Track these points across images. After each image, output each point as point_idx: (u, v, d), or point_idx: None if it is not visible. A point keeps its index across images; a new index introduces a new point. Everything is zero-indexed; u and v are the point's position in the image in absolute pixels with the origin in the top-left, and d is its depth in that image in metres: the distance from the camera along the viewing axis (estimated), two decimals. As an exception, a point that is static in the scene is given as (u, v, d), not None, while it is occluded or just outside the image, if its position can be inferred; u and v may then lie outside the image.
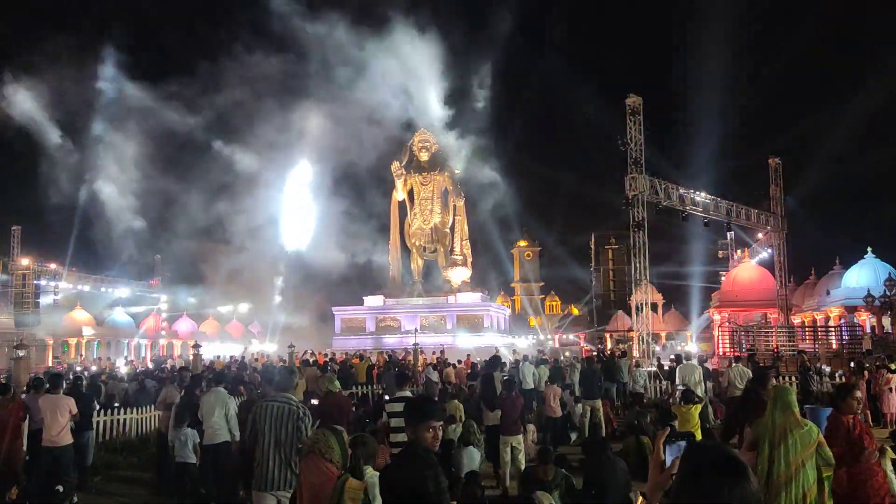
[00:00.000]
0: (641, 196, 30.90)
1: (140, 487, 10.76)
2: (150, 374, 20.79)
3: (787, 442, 5.31)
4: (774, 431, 5.40)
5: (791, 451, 5.28)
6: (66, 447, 9.23)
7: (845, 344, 29.72)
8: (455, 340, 35.43)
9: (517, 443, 10.09)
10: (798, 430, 5.36)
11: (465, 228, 41.84)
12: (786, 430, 5.37)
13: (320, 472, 4.37)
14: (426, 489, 3.07)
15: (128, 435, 14.20)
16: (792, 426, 5.38)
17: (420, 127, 42.36)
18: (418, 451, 3.32)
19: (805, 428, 5.40)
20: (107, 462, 12.00)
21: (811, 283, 46.92)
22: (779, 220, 38.01)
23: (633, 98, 31.67)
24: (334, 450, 4.42)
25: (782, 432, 5.36)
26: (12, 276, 42.83)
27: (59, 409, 9.20)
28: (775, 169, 38.24)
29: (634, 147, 31.04)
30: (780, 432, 5.37)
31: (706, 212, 34.08)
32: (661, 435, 2.38)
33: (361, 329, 39.20)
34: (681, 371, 14.81)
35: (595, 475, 7.88)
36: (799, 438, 5.32)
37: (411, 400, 4.11)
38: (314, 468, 4.41)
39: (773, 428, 5.42)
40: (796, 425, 5.39)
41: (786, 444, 5.31)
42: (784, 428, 5.38)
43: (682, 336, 53.63)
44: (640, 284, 32.29)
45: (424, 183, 40.71)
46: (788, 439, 5.32)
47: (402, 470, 3.23)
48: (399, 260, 41.98)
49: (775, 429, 5.40)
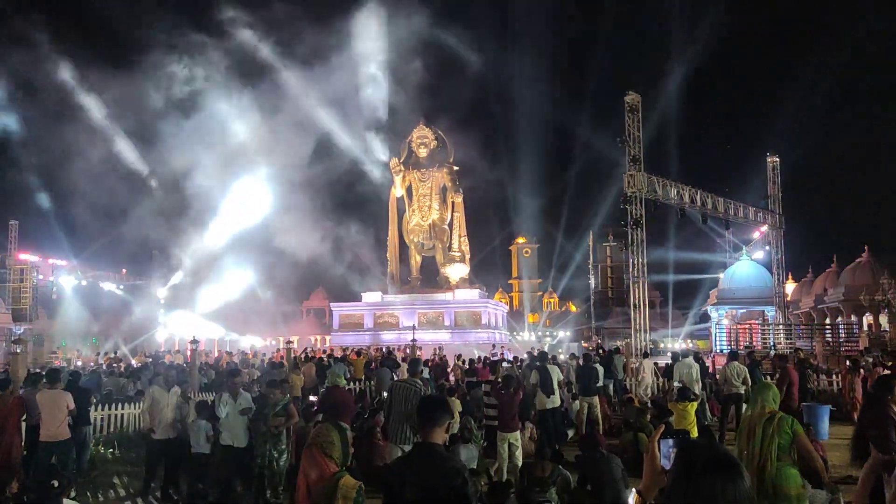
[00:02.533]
0: (640, 193, 30.90)
1: (137, 482, 10.77)
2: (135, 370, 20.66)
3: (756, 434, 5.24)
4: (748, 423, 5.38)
5: (758, 443, 5.19)
6: (64, 442, 9.26)
7: (842, 342, 29.82)
8: (452, 337, 35.48)
9: (514, 439, 10.12)
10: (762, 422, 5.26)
11: (463, 225, 41.82)
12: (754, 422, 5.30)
13: (318, 466, 4.37)
14: (465, 490, 3.08)
15: (126, 430, 14.19)
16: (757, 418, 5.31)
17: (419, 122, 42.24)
18: (442, 452, 3.32)
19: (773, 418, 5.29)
20: (104, 457, 12.01)
21: (808, 280, 47.08)
22: (776, 217, 38.08)
23: (632, 95, 31.63)
24: (335, 445, 4.40)
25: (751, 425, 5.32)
26: (10, 270, 42.81)
27: (57, 404, 9.23)
28: (773, 167, 38.32)
29: (633, 144, 31.03)
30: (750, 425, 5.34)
31: (704, 209, 34.10)
32: (656, 433, 2.40)
33: (359, 325, 39.22)
34: (677, 368, 14.89)
35: (591, 471, 7.91)
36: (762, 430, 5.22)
37: (424, 401, 4.12)
38: (313, 461, 4.41)
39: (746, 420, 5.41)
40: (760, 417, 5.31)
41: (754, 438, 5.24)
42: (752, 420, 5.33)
43: (679, 333, 53.72)
44: (638, 282, 32.31)
45: (423, 179, 40.69)
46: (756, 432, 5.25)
47: (434, 470, 3.20)
48: (397, 256, 41.97)
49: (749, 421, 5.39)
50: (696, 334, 53.95)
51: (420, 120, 41.86)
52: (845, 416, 15.20)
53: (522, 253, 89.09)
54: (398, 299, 39.62)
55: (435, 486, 3.11)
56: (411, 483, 3.16)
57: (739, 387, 13.42)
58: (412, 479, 3.17)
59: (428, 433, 3.41)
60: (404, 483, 3.18)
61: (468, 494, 3.09)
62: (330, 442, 4.40)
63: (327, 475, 4.28)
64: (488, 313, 39.47)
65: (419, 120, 41.88)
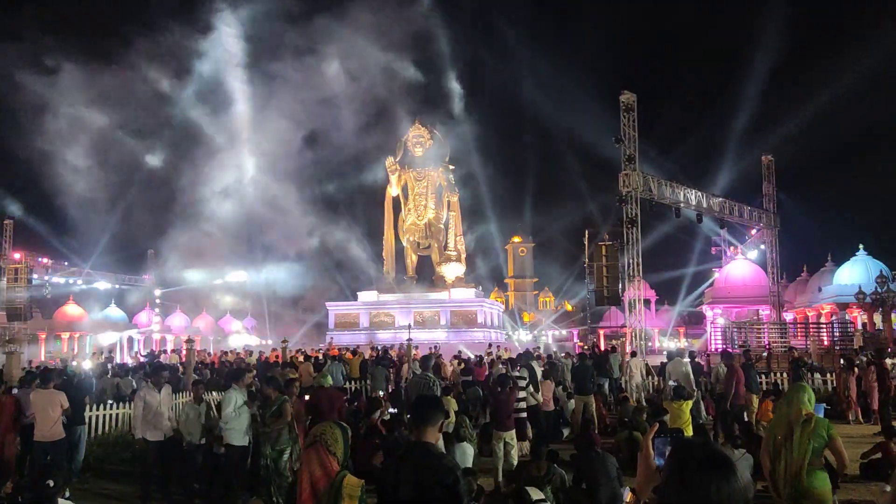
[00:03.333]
0: (635, 192, 30.96)
1: (132, 483, 10.74)
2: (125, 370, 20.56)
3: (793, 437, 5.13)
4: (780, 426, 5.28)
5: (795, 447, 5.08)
6: (58, 442, 9.24)
7: (837, 341, 29.90)
8: (448, 336, 35.47)
9: (510, 438, 10.13)
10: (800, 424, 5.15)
11: (459, 224, 41.81)
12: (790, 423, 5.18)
13: (322, 464, 4.37)
14: (458, 488, 3.09)
15: (121, 430, 14.15)
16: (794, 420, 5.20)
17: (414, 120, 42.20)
18: (435, 450, 3.33)
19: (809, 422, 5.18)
20: (99, 457, 11.97)
21: (803, 279, 47.21)
22: (771, 216, 38.19)
23: (627, 95, 31.70)
24: (339, 443, 4.41)
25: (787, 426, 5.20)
26: (3, 270, 42.63)
27: (51, 403, 9.19)
28: (768, 166, 38.43)
29: (628, 143, 31.09)
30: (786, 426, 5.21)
31: (699, 208, 34.19)
32: (650, 431, 2.41)
33: (355, 324, 39.19)
34: (671, 367, 14.88)
35: (586, 470, 7.92)
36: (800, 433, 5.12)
37: (418, 401, 4.14)
38: (316, 459, 4.40)
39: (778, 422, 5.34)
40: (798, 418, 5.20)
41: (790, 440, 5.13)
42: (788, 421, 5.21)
43: (674, 332, 53.85)
44: (633, 281, 32.37)
45: (419, 178, 40.68)
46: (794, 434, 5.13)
47: (427, 468, 3.22)
48: (393, 255, 41.94)
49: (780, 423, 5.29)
50: (690, 333, 54.11)
51: (416, 119, 41.87)
52: (839, 414, 15.25)
53: (518, 252, 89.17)
54: (394, 298, 39.60)
55: (428, 484, 3.13)
56: (405, 481, 3.17)
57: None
58: (406, 478, 3.19)
59: (421, 432, 3.43)
60: (399, 481, 3.20)
61: (460, 492, 3.11)
62: (334, 440, 4.40)
63: (332, 473, 4.29)
64: (484, 312, 39.48)
65: (415, 119, 41.90)
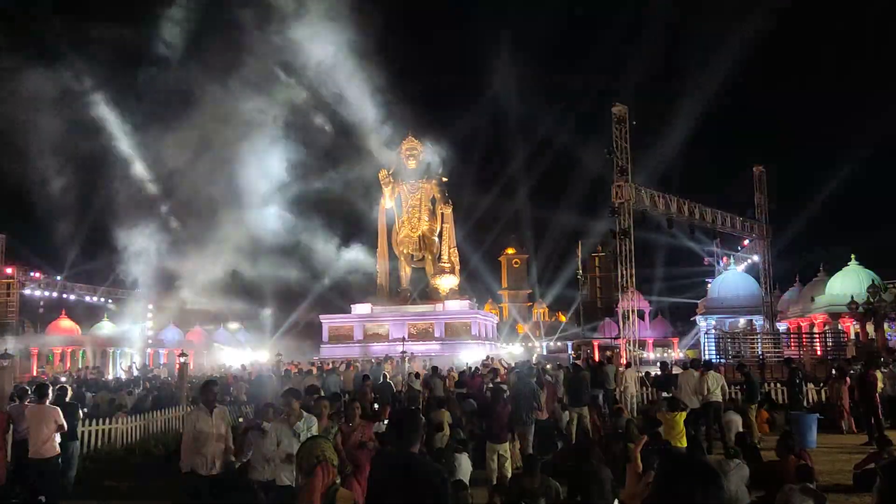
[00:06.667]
0: (628, 204, 31.10)
1: (124, 499, 10.68)
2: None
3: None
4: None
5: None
6: (52, 458, 9.12)
7: (829, 350, 30.00)
8: (442, 348, 35.43)
9: (504, 451, 10.12)
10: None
11: (452, 236, 41.88)
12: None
13: (329, 478, 4.43)
14: (444, 490, 3.18)
15: (113, 445, 14.08)
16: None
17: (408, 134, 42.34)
18: (420, 458, 3.40)
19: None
20: (91, 472, 11.89)
21: (796, 289, 47.36)
22: (763, 227, 38.38)
23: (619, 107, 31.91)
24: (335, 455, 4.49)
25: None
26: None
27: (45, 419, 9.09)
28: (759, 177, 38.67)
29: (621, 155, 31.25)
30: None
31: (692, 220, 34.35)
32: (639, 442, 2.44)
33: (349, 337, 39.11)
34: (684, 378, 14.34)
35: (580, 482, 7.92)
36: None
37: (399, 413, 4.26)
38: (328, 475, 4.46)
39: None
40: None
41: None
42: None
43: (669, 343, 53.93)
44: (627, 292, 32.46)
45: (412, 190, 40.79)
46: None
47: (414, 474, 3.30)
48: (387, 268, 41.94)
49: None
50: (684, 344, 54.16)
51: (409, 131, 42.02)
52: (832, 424, 15.28)
53: (512, 264, 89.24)
54: (388, 311, 39.56)
55: (416, 489, 3.21)
56: (394, 487, 3.26)
57: (717, 395, 13.51)
58: (394, 485, 3.27)
59: (405, 444, 3.55)
60: (387, 488, 3.28)
61: (446, 495, 3.19)
62: (334, 453, 4.48)
63: (330, 485, 4.35)
64: (478, 324, 39.47)
65: (408, 132, 42.04)
